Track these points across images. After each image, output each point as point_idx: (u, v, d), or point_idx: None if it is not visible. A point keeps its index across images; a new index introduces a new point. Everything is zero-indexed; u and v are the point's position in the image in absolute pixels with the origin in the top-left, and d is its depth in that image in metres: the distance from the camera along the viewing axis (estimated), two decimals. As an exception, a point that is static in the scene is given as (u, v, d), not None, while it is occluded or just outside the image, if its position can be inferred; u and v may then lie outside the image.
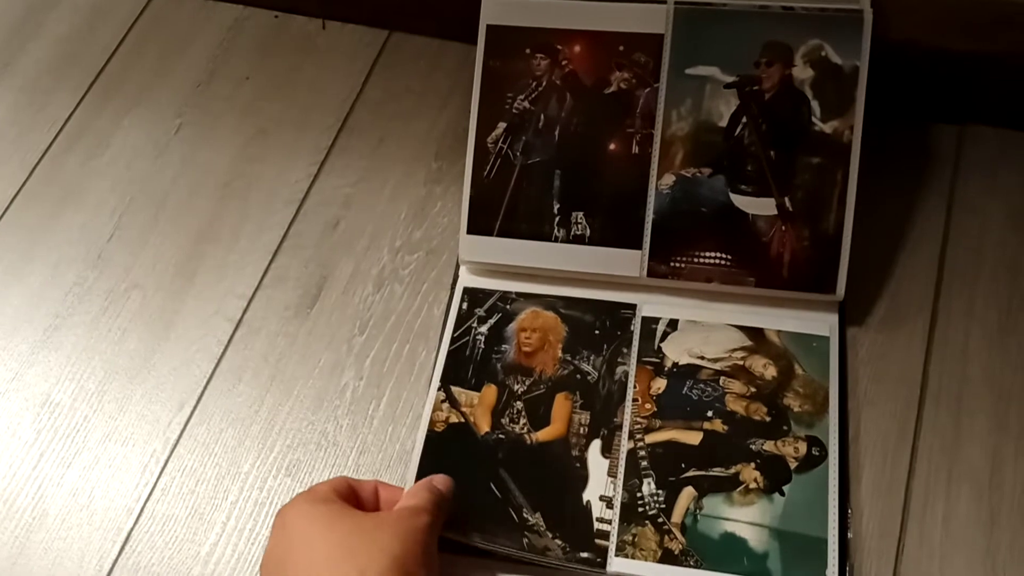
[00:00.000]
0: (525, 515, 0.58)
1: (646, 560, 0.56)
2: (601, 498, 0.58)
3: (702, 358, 0.62)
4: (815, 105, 0.62)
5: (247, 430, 0.65)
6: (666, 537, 0.56)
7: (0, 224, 0.76)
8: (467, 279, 0.68)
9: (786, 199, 0.62)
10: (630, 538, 0.57)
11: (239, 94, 0.80)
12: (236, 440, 0.65)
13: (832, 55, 0.62)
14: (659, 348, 0.63)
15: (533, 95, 0.66)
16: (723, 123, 0.63)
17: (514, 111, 0.66)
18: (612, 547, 0.57)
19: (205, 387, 0.67)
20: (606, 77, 0.65)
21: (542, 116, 0.66)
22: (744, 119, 0.63)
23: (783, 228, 0.62)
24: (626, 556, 0.56)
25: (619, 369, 0.63)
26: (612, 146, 0.65)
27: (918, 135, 0.70)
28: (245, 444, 0.65)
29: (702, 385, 0.61)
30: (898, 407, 0.61)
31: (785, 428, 0.59)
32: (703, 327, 0.64)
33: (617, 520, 0.57)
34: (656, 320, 0.64)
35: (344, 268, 0.71)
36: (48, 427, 0.67)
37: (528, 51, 0.66)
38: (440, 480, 0.57)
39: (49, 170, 0.78)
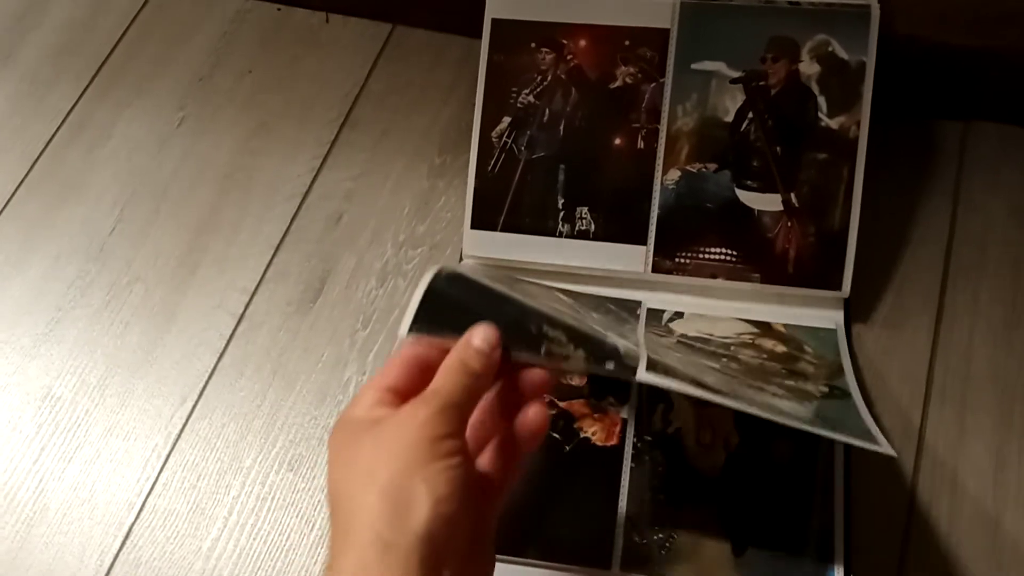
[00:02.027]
0: (545, 329, 0.50)
1: (678, 380, 0.50)
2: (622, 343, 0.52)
3: (711, 335, 0.62)
4: (821, 101, 0.62)
5: (249, 425, 0.65)
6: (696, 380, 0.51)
7: (1, 216, 0.76)
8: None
9: (792, 195, 0.62)
10: (661, 367, 0.51)
11: (241, 87, 0.80)
12: (238, 435, 0.65)
13: (839, 50, 0.62)
14: (666, 325, 0.63)
15: (538, 89, 0.66)
16: (729, 118, 0.63)
17: (519, 105, 0.66)
18: (642, 364, 0.49)
19: (207, 381, 0.67)
20: (611, 72, 0.65)
21: (547, 111, 0.66)
22: (750, 114, 0.63)
23: (789, 224, 0.62)
24: (656, 373, 0.49)
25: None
26: (617, 141, 0.65)
27: (922, 132, 0.69)
28: (247, 439, 0.65)
29: (713, 350, 0.61)
30: (903, 404, 0.61)
31: (803, 382, 0.59)
32: (710, 318, 0.63)
33: (644, 352, 0.51)
34: (661, 312, 0.64)
35: (347, 262, 0.70)
36: (49, 421, 0.67)
37: (533, 45, 0.66)
38: (480, 335, 0.46)
39: (51, 162, 0.78)
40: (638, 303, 0.64)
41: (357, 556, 0.40)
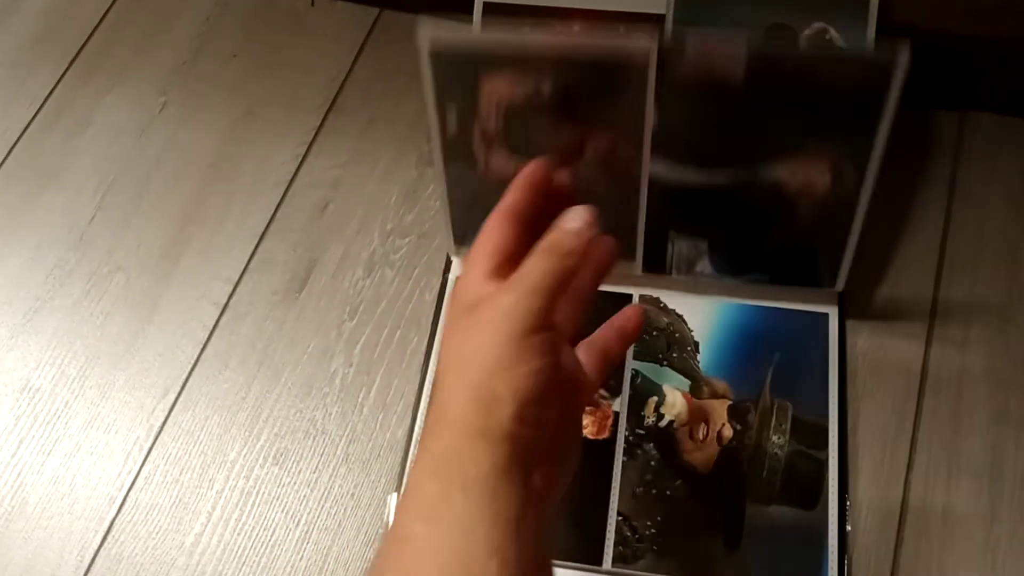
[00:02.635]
0: None
1: None
2: None
3: None
4: (818, 89, 0.61)
5: (233, 417, 0.64)
6: None
7: (-22, 204, 0.74)
8: (459, 269, 0.66)
9: (787, 185, 0.61)
10: None
11: (225, 72, 0.78)
12: (222, 428, 0.64)
13: (836, 39, 0.61)
14: None
15: (529, 76, 0.64)
16: (724, 108, 0.62)
17: (509, 92, 0.65)
18: None
19: (190, 373, 0.66)
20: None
21: (538, 98, 0.64)
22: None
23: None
24: None
25: None
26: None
27: (919, 121, 0.69)
28: (231, 432, 0.63)
29: None
30: (897, 398, 0.60)
31: None
32: None
33: None
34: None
35: (333, 252, 0.69)
36: (28, 413, 0.65)
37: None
38: (575, 217, 0.42)
39: (29, 149, 0.76)
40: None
41: (449, 439, 0.40)
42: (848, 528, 0.56)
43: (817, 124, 0.56)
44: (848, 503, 0.57)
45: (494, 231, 0.44)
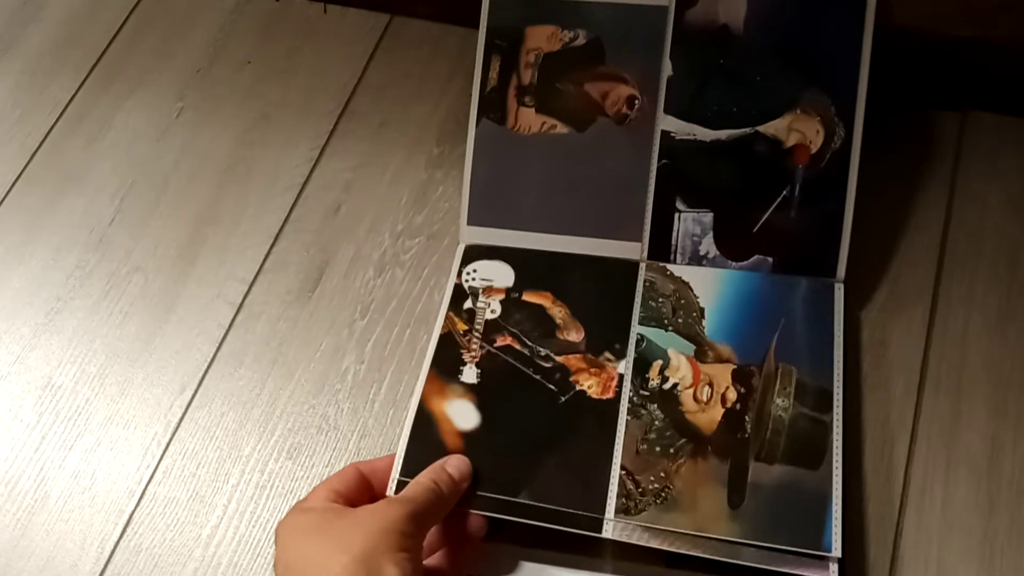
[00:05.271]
0: None
1: None
2: None
3: None
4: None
5: (248, 413, 0.66)
6: None
7: (1, 207, 0.76)
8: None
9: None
10: None
11: (240, 78, 0.80)
12: (237, 423, 0.65)
13: (834, 40, 0.62)
14: None
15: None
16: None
17: (516, 94, 0.67)
18: None
19: (206, 370, 0.67)
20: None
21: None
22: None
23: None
24: None
25: None
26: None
27: (919, 121, 0.69)
28: (246, 427, 0.65)
29: None
30: (897, 392, 0.61)
31: None
32: None
33: None
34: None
35: (345, 252, 0.71)
36: (50, 410, 0.67)
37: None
38: (454, 465, 0.57)
39: (50, 153, 0.78)
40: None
41: None
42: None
43: (808, 77, 0.62)
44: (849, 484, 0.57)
45: (344, 477, 0.56)
